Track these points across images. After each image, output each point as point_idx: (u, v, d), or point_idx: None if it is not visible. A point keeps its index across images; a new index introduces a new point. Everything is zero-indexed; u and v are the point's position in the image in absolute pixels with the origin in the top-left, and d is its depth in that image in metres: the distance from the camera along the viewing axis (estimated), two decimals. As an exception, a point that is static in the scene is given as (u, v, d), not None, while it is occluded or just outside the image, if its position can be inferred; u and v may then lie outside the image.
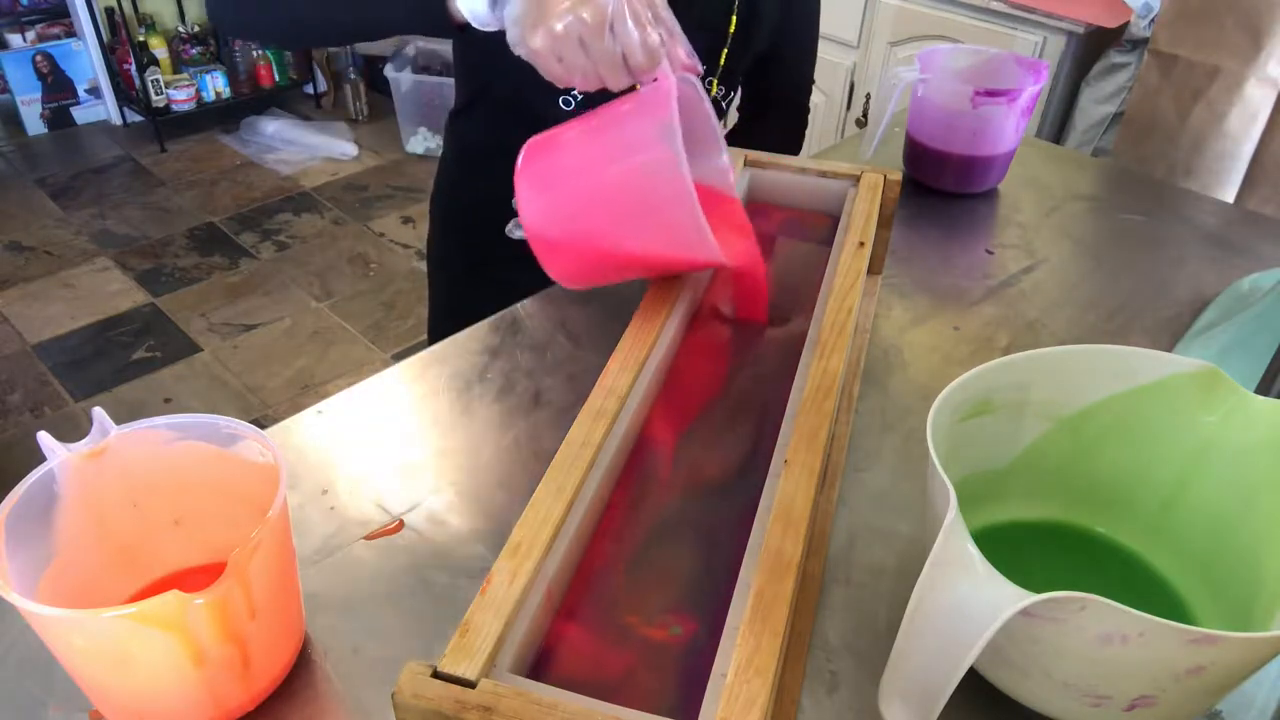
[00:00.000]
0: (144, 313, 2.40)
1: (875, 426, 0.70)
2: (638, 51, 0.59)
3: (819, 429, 0.54)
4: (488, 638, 0.42)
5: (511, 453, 0.67)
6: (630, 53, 0.59)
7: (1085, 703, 0.45)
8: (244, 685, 0.48)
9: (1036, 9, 1.88)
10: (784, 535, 0.47)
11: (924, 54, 1.00)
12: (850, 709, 0.51)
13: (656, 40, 0.60)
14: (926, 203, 1.02)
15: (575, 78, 0.61)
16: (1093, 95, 1.91)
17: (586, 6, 0.58)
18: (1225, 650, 0.41)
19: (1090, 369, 0.56)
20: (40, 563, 0.46)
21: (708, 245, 0.59)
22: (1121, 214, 1.02)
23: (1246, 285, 0.86)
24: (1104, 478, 0.59)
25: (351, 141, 3.17)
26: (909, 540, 0.61)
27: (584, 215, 0.62)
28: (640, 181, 0.59)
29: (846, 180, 0.80)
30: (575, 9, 0.58)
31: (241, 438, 0.50)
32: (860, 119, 2.27)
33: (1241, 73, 1.46)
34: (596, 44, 0.59)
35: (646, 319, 0.63)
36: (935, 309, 0.84)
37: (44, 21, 3.12)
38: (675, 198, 0.57)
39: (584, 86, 0.62)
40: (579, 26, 0.59)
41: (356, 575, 0.58)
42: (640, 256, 0.64)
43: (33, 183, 2.93)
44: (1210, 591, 0.56)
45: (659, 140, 0.57)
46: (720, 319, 0.70)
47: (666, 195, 0.57)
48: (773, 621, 0.43)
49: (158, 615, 0.41)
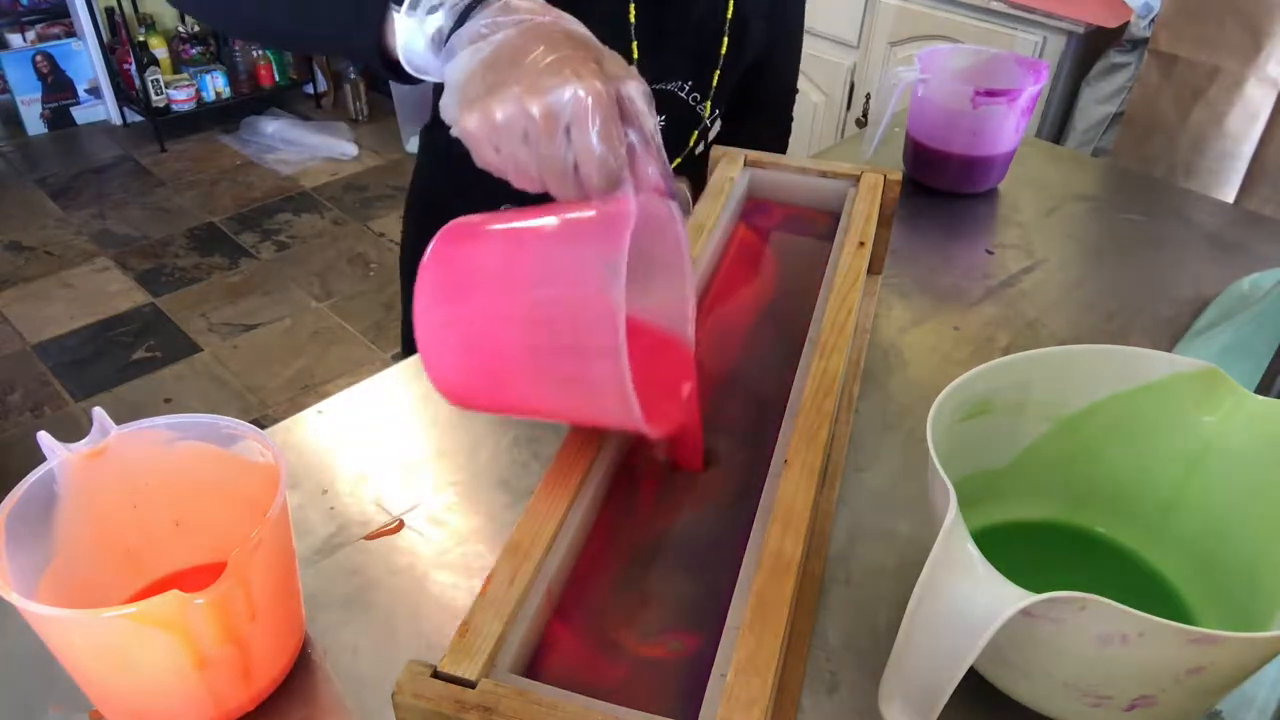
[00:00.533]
0: (144, 313, 2.40)
1: (875, 426, 0.70)
2: (593, 169, 0.47)
3: (819, 429, 0.54)
4: (488, 638, 0.42)
5: (511, 453, 0.67)
6: (584, 165, 0.48)
7: (1085, 703, 0.45)
8: (244, 685, 0.48)
9: (1036, 9, 1.88)
10: (784, 535, 0.47)
11: (924, 54, 1.00)
12: (850, 709, 0.51)
13: (617, 163, 0.48)
14: (926, 203, 1.02)
15: (510, 173, 0.50)
16: (1093, 95, 1.91)
17: (538, 100, 0.46)
18: (1225, 650, 0.41)
19: (1090, 369, 0.56)
20: (40, 563, 0.46)
21: (632, 415, 0.47)
22: (1121, 214, 1.02)
23: (1246, 285, 0.86)
24: (1104, 478, 0.59)
25: (351, 141, 3.17)
26: (909, 540, 0.61)
27: (489, 337, 0.50)
28: (565, 319, 0.48)
29: (846, 180, 0.80)
30: (525, 99, 0.46)
31: (241, 438, 0.50)
32: (860, 119, 2.27)
33: (1241, 73, 1.46)
34: (544, 145, 0.47)
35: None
36: (935, 309, 0.84)
37: (44, 21, 3.12)
38: (602, 353, 0.45)
39: (520, 186, 0.50)
40: (523, 121, 0.47)
41: (356, 575, 0.58)
42: (547, 405, 0.52)
43: (33, 183, 2.93)
44: (1210, 591, 0.56)
45: (599, 281, 0.46)
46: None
47: (592, 347, 0.46)
48: (773, 621, 0.43)
49: (158, 615, 0.41)
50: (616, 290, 0.45)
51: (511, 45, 0.48)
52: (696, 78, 0.87)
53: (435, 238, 0.51)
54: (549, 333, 0.48)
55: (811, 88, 2.33)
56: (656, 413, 0.50)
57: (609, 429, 0.54)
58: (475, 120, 0.48)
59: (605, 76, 0.47)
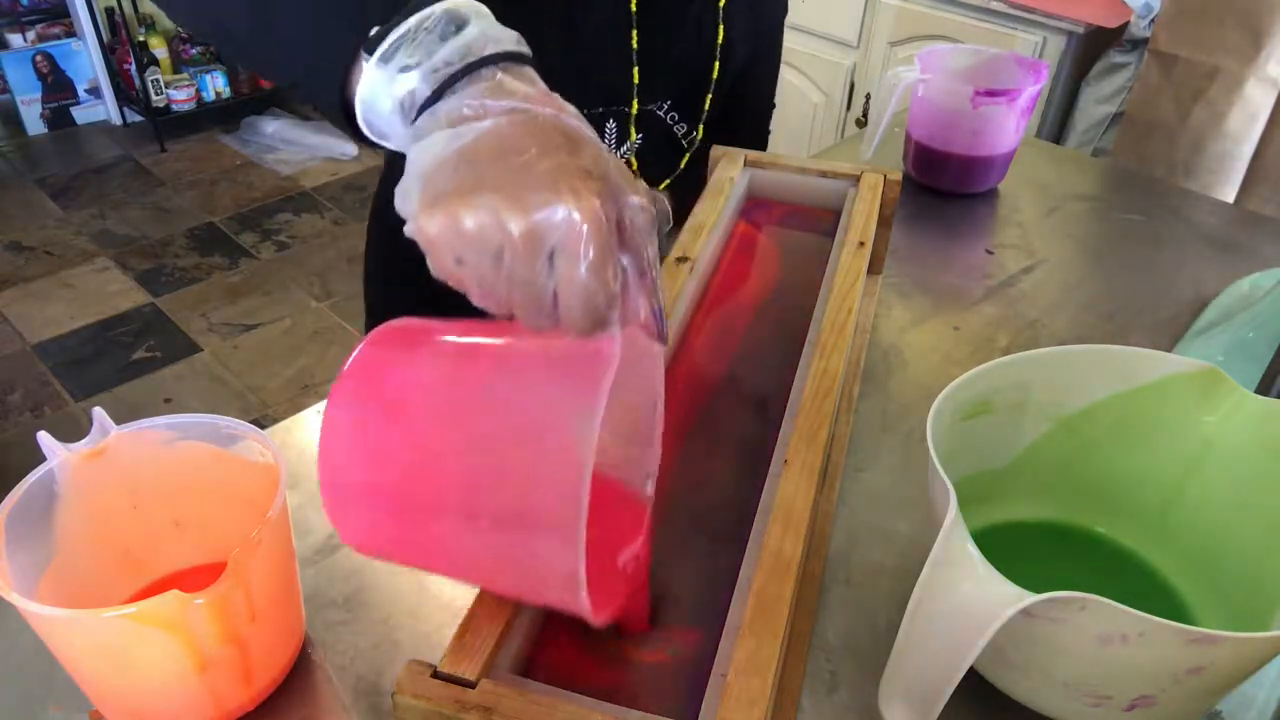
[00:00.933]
0: (144, 313, 2.40)
1: (875, 426, 0.70)
2: (577, 307, 0.38)
3: (819, 429, 0.54)
4: (488, 638, 0.42)
5: (511, 453, 0.67)
6: (566, 299, 0.38)
7: (1085, 703, 0.45)
8: (244, 685, 0.48)
9: (1036, 9, 1.88)
10: (784, 535, 0.47)
11: (924, 54, 1.00)
12: (850, 709, 0.51)
13: (607, 302, 0.38)
14: (926, 203, 1.02)
15: (471, 290, 0.40)
16: (1093, 95, 1.91)
17: (521, 217, 0.37)
18: (1225, 650, 0.41)
19: (1090, 369, 0.56)
20: (40, 563, 0.46)
21: (579, 603, 0.38)
22: (1121, 214, 1.02)
23: (1246, 285, 0.86)
24: (1104, 478, 0.59)
25: (351, 141, 3.17)
26: (909, 540, 0.61)
27: (418, 474, 0.40)
28: (514, 475, 0.39)
29: (846, 180, 0.80)
30: (505, 212, 0.37)
31: (241, 438, 0.50)
32: (860, 119, 2.27)
33: (1241, 73, 1.46)
34: (520, 270, 0.38)
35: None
36: (935, 309, 0.84)
37: (44, 21, 3.12)
38: (553, 526, 0.37)
39: (481, 305, 0.40)
40: (499, 237, 0.38)
41: (356, 575, 0.58)
42: (477, 568, 0.43)
43: (33, 183, 2.93)
44: (1210, 591, 0.56)
45: (562, 435, 0.37)
46: (715, 312, 0.70)
47: (542, 515, 0.38)
48: (773, 621, 0.43)
49: (158, 615, 0.41)
50: (585, 451, 0.36)
51: (498, 137, 0.39)
52: (689, 103, 0.86)
53: (364, 340, 0.42)
54: (491, 486, 0.39)
55: (811, 88, 2.33)
56: (603, 596, 0.40)
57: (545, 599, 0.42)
58: (437, 225, 0.38)
59: (606, 194, 0.38)
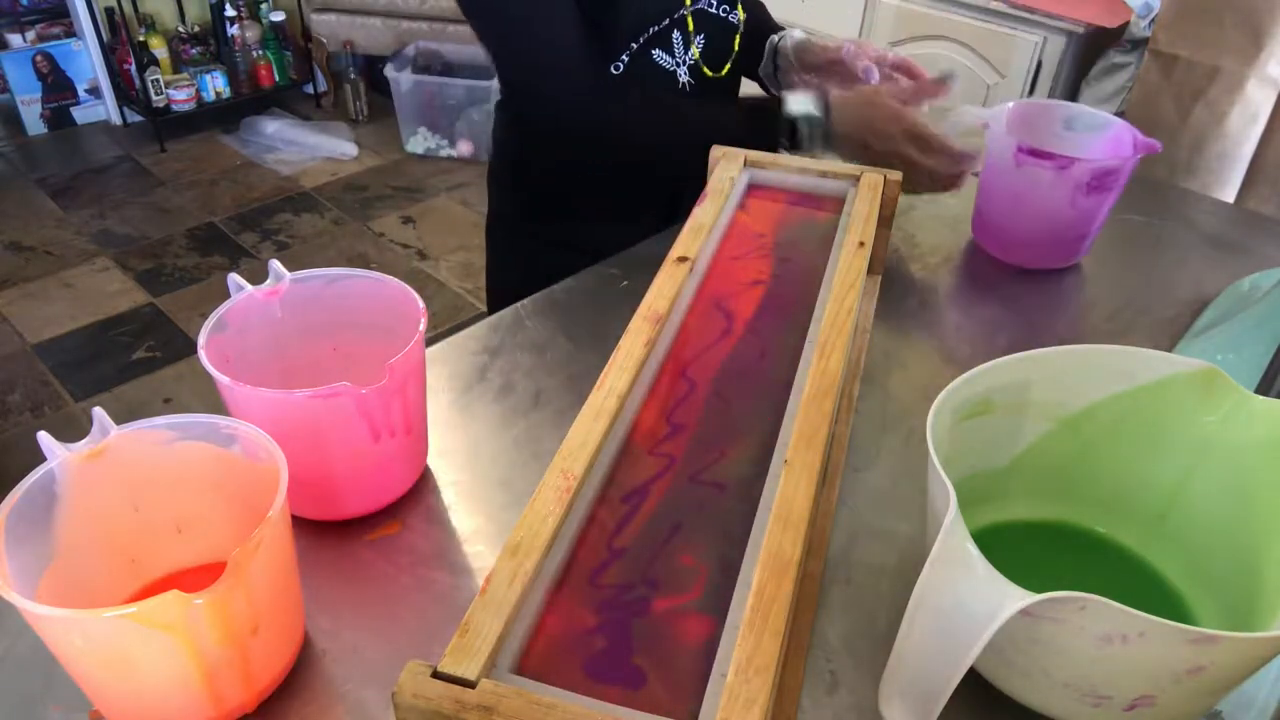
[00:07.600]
0: (144, 313, 2.39)
1: (875, 426, 0.70)
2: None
3: (819, 429, 0.54)
4: (488, 638, 0.42)
5: (511, 453, 0.67)
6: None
7: (1085, 703, 0.45)
8: (244, 685, 0.48)
9: (1036, 9, 1.88)
10: (784, 535, 0.47)
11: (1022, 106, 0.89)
12: (850, 709, 0.51)
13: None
14: (926, 203, 1.02)
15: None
16: (1093, 95, 1.91)
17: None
18: (1225, 650, 0.41)
19: (1090, 369, 0.56)
20: (40, 563, 0.46)
21: None
22: (1121, 214, 1.02)
23: (1246, 285, 0.86)
24: (1104, 478, 0.59)
25: (351, 141, 3.17)
26: (909, 540, 0.61)
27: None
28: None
29: (846, 180, 0.80)
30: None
31: (241, 438, 0.50)
32: (860, 119, 2.26)
33: (1241, 73, 1.46)
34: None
35: (646, 317, 0.63)
36: (935, 309, 0.84)
37: (44, 21, 3.12)
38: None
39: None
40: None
41: (356, 575, 0.58)
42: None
43: (33, 183, 2.93)
44: (1210, 591, 0.56)
45: None
46: (718, 313, 0.70)
47: None
48: (773, 621, 0.43)
49: (158, 615, 0.41)
50: None
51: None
52: (719, 51, 0.99)
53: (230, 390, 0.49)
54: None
55: (811, 88, 2.33)
56: None
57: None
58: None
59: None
